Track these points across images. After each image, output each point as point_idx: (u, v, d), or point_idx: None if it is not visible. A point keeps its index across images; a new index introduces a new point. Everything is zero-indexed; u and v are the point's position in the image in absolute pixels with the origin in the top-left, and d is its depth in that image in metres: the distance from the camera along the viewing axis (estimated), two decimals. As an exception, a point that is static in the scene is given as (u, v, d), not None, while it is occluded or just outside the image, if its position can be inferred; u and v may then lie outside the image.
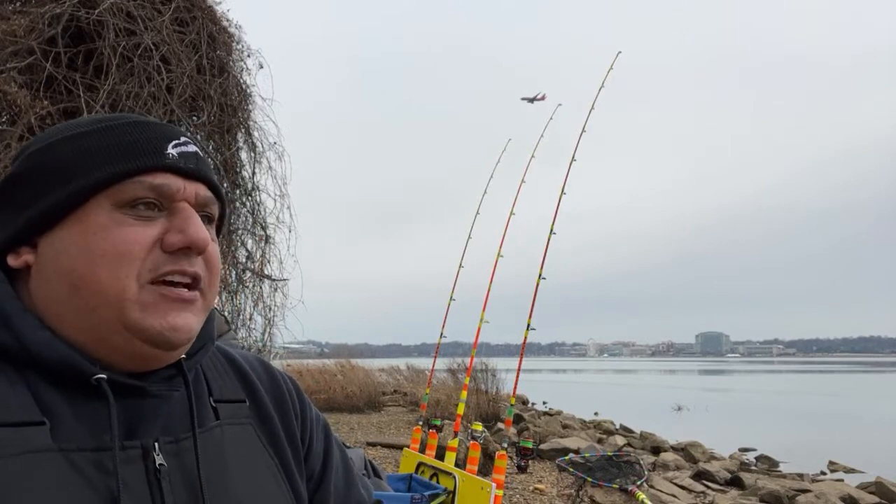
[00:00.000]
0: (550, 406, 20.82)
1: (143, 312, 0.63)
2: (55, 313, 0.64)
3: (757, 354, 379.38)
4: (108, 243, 0.63)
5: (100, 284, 0.62)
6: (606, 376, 66.75)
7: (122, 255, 0.63)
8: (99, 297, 0.63)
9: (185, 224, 0.66)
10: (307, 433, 0.84)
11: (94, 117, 0.70)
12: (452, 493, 4.63)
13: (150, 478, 0.63)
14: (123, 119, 0.69)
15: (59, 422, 0.60)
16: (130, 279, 0.63)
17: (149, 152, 0.66)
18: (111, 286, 0.62)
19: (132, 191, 0.64)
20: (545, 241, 6.35)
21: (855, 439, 15.73)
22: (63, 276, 0.64)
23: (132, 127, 0.68)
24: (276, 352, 6.23)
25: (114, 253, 0.63)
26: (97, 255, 0.63)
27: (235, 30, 5.25)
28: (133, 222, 0.64)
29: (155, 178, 0.65)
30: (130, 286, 0.63)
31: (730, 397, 32.24)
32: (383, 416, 14.98)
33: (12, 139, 3.82)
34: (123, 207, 0.64)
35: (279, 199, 5.79)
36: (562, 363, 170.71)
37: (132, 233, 0.64)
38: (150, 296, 0.64)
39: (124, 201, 0.64)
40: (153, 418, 0.67)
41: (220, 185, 0.73)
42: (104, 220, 0.64)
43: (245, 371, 0.83)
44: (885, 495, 8.44)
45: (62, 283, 0.64)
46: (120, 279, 0.63)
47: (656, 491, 7.36)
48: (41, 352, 0.61)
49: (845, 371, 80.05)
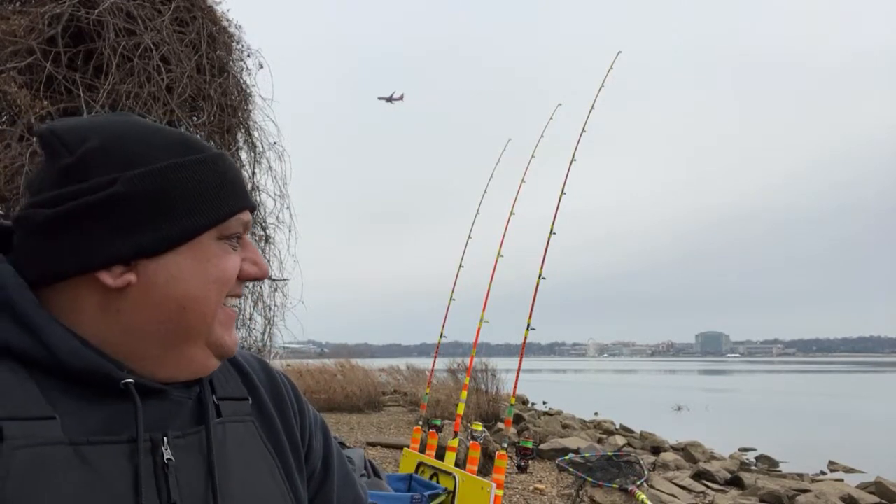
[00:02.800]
0: (550, 406, 20.84)
1: (221, 329, 0.72)
2: (141, 334, 0.68)
3: (757, 354, 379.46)
4: (219, 270, 0.71)
5: (208, 306, 0.70)
6: (606, 376, 66.77)
7: (227, 281, 0.72)
8: (201, 318, 0.70)
9: (257, 257, 0.76)
10: (307, 433, 0.85)
11: (190, 140, 0.73)
12: (452, 493, 4.63)
13: (158, 471, 0.64)
14: (213, 151, 0.74)
15: (70, 417, 0.62)
16: (221, 301, 0.72)
17: (243, 192, 0.75)
18: (213, 309, 0.71)
19: (234, 227, 0.72)
20: (545, 241, 6.35)
21: (855, 439, 15.73)
22: (173, 299, 0.68)
23: (228, 163, 0.74)
24: (276, 352, 6.23)
25: (222, 278, 0.71)
26: (210, 281, 0.70)
27: (235, 30, 5.25)
28: (230, 251, 0.73)
29: (244, 216, 0.74)
30: (218, 307, 0.71)
31: (730, 397, 32.25)
32: (383, 416, 14.99)
33: (12, 139, 3.82)
34: (224, 239, 0.72)
35: (279, 199, 5.79)
36: (562, 363, 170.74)
37: (232, 261, 0.72)
38: (224, 315, 0.72)
39: (226, 234, 0.72)
40: (162, 414, 0.69)
41: None
42: (215, 250, 0.71)
43: (246, 370, 0.84)
44: (885, 495, 8.45)
45: (170, 304, 0.68)
46: (219, 302, 0.71)
47: (656, 491, 7.36)
48: (69, 359, 0.63)
49: (845, 371, 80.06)
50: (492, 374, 13.79)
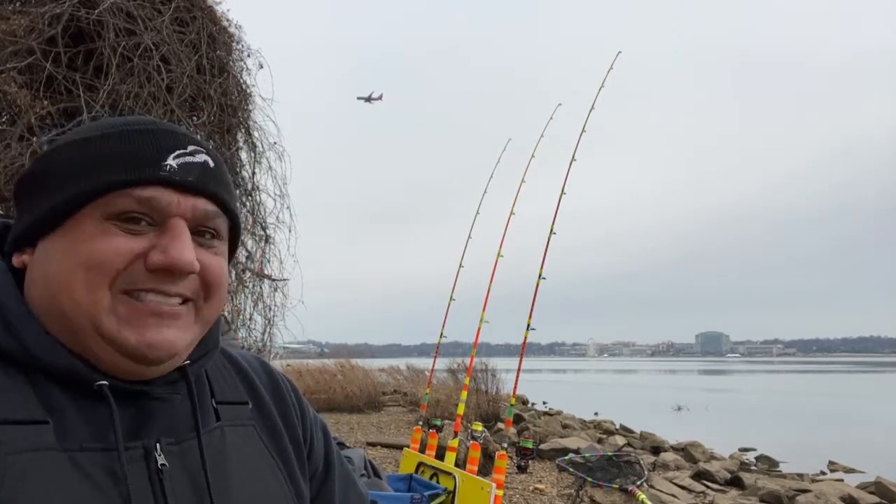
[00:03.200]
0: (550, 406, 20.83)
1: (119, 324, 0.63)
2: (45, 317, 0.64)
3: (757, 354, 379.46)
4: (88, 252, 0.62)
5: (74, 293, 0.62)
6: (606, 376, 66.74)
7: (98, 265, 0.62)
8: (74, 305, 0.62)
9: (170, 243, 0.64)
10: (308, 432, 0.85)
11: (109, 121, 0.69)
12: (452, 493, 4.63)
13: (153, 477, 0.63)
14: (132, 125, 0.68)
15: (63, 422, 0.61)
16: (103, 289, 0.62)
17: (143, 164, 0.64)
18: (85, 295, 0.62)
19: (121, 203, 0.63)
20: (545, 241, 6.35)
21: (855, 439, 15.72)
22: (46, 281, 0.64)
23: (134, 135, 0.66)
24: (276, 352, 6.23)
25: (90, 262, 0.62)
26: (76, 263, 0.62)
27: (235, 30, 5.25)
28: (118, 233, 0.63)
29: (144, 192, 0.64)
30: (103, 296, 0.62)
31: (730, 397, 32.23)
32: (383, 416, 14.98)
33: (12, 139, 3.82)
34: (113, 219, 0.63)
35: (279, 199, 5.80)
36: (562, 363, 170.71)
37: (113, 243, 0.62)
38: (125, 307, 0.63)
39: (114, 213, 0.63)
40: (156, 420, 0.67)
41: (229, 197, 0.71)
42: (91, 229, 0.63)
43: (247, 372, 0.83)
44: (885, 495, 8.44)
45: (46, 288, 0.64)
46: (94, 289, 0.62)
47: (656, 491, 7.36)
48: (43, 357, 0.62)
49: (845, 371, 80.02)
50: (492, 374, 13.79)
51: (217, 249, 0.70)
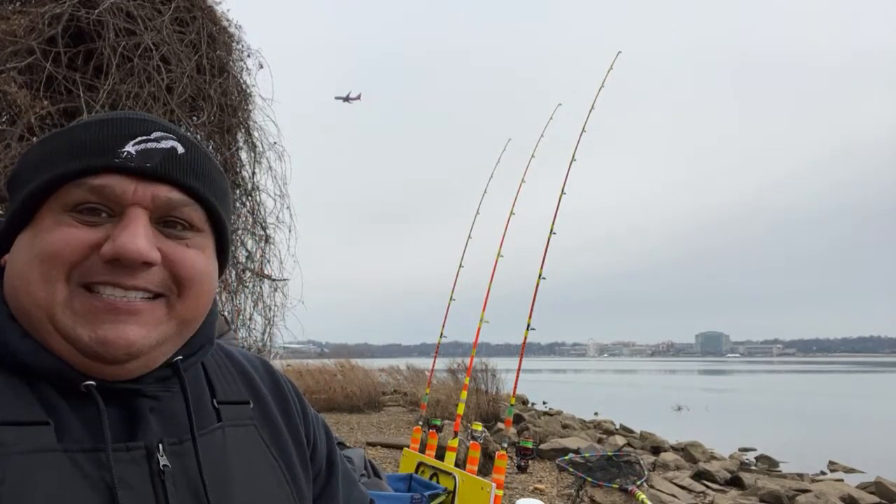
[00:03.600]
0: (550, 406, 20.84)
1: (74, 320, 0.61)
2: (19, 317, 0.63)
3: (757, 354, 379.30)
4: (42, 244, 0.61)
5: (31, 286, 0.61)
6: (606, 376, 66.73)
7: (52, 257, 0.60)
8: (31, 300, 0.61)
9: (119, 232, 0.61)
10: (311, 433, 0.85)
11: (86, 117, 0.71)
12: (452, 493, 4.63)
13: (155, 479, 0.63)
14: (100, 116, 0.66)
15: (63, 423, 0.61)
16: (58, 282, 0.60)
17: (95, 152, 0.62)
18: (40, 288, 0.61)
19: (75, 194, 0.62)
20: (545, 241, 6.35)
21: (855, 439, 15.72)
22: (12, 279, 0.64)
23: (95, 125, 0.64)
24: (276, 352, 6.24)
25: (45, 254, 0.60)
26: (34, 256, 0.61)
27: (235, 30, 5.26)
28: (73, 224, 0.61)
29: (96, 180, 0.62)
30: (58, 290, 0.60)
31: (730, 397, 32.23)
32: (383, 416, 14.98)
33: (12, 139, 3.82)
34: (70, 210, 0.62)
35: (279, 199, 5.81)
36: (562, 363, 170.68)
37: (66, 234, 0.61)
38: (80, 302, 0.61)
39: (70, 204, 0.62)
40: (154, 419, 0.67)
41: (202, 185, 0.67)
42: (49, 223, 0.62)
43: (248, 372, 0.83)
44: (885, 495, 8.44)
45: (12, 285, 0.63)
46: (49, 281, 0.60)
47: (656, 491, 7.36)
48: (28, 360, 0.61)
49: (845, 371, 80.00)
50: (492, 374, 13.80)
51: (191, 241, 0.67)
